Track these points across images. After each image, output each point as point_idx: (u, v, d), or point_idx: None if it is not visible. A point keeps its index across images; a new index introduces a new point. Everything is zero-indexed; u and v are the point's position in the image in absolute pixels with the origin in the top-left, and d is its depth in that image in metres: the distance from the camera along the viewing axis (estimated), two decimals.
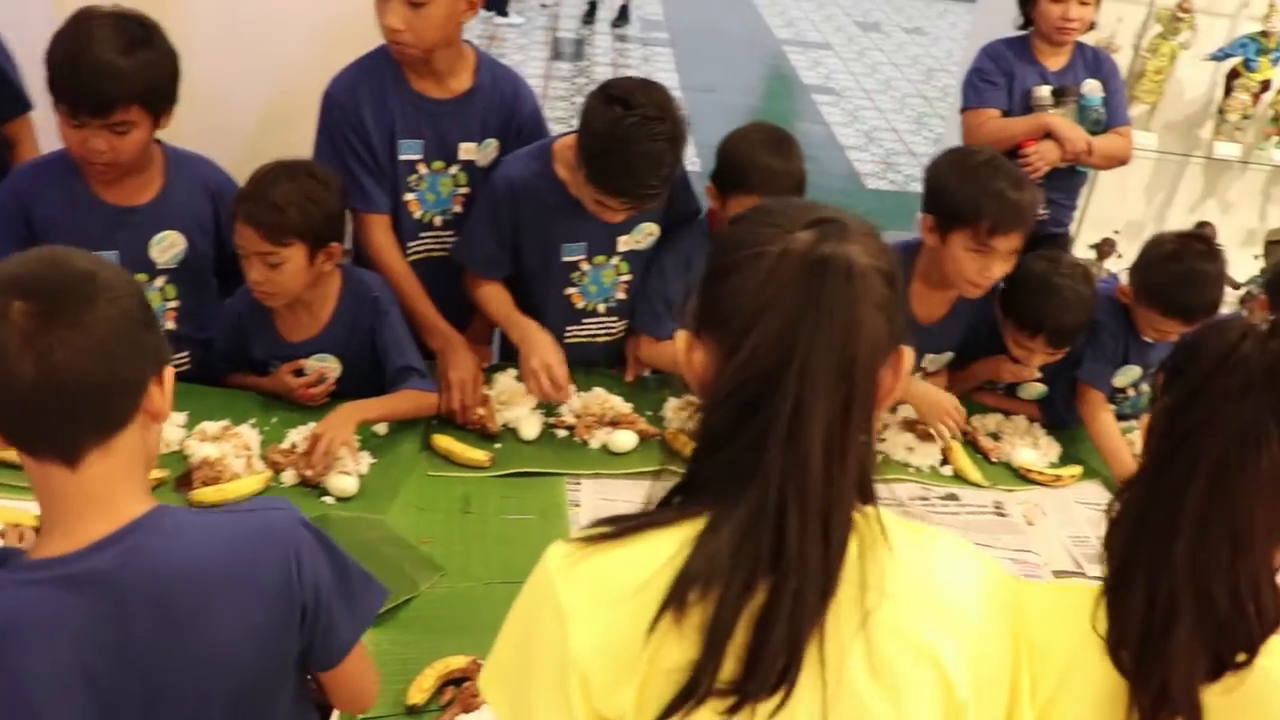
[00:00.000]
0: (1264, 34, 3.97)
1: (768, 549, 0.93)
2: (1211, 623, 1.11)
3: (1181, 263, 2.42)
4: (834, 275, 0.93)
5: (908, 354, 1.02)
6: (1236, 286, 3.74)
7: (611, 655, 0.96)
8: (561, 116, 6.78)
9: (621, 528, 1.00)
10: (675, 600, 0.93)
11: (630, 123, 2.15)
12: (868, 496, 1.00)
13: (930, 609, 1.01)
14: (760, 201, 1.09)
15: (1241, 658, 1.10)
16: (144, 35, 2.06)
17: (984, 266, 2.35)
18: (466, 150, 2.51)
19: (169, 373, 1.19)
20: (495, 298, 2.51)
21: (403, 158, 2.45)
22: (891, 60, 10.21)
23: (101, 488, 1.14)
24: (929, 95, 8.99)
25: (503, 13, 9.13)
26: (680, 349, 1.05)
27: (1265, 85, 4.07)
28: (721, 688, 0.93)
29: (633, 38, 9.53)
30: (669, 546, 0.96)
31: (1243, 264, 3.94)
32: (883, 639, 0.98)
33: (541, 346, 2.37)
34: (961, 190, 2.33)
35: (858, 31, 11.26)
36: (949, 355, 2.69)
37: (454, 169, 2.52)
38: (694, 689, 0.93)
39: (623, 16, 9.68)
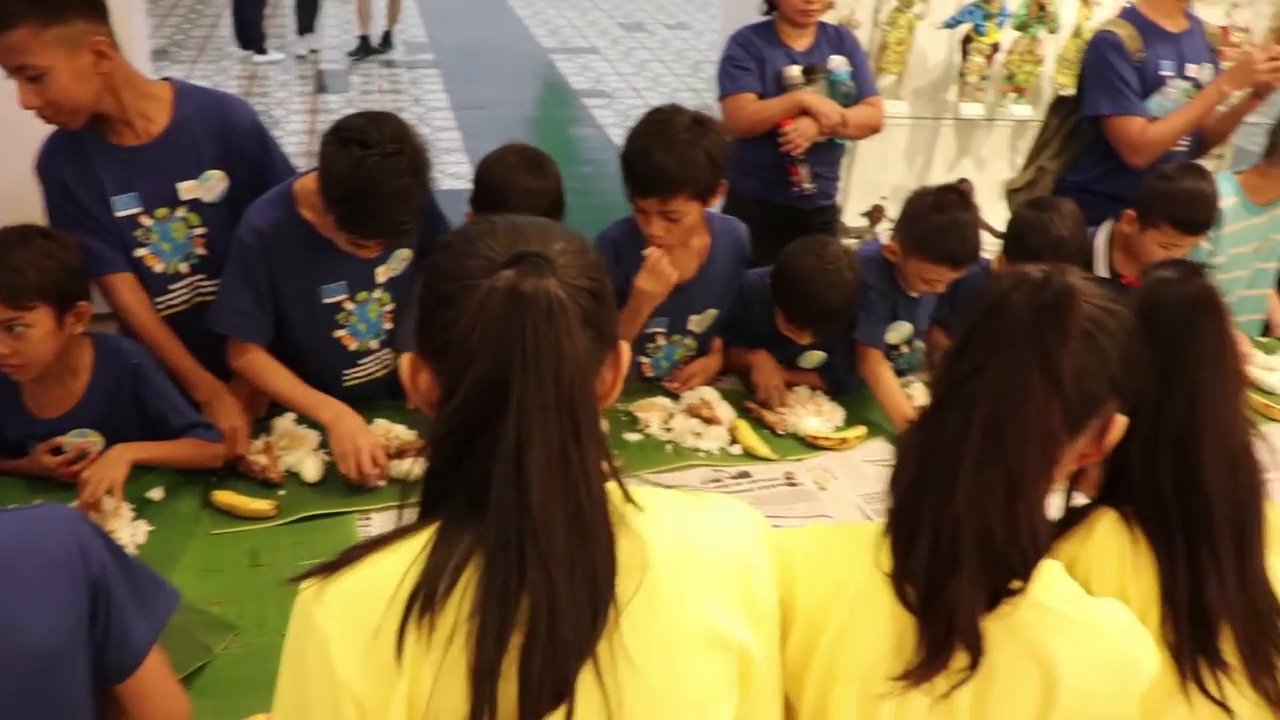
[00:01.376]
0: (987, 0, 4.21)
1: (513, 588, 0.95)
2: (991, 557, 1.13)
3: (945, 212, 2.55)
4: (535, 312, 0.96)
5: (625, 349, 1.09)
6: (998, 235, 3.93)
7: (375, 671, 0.97)
8: None
9: (360, 550, 1.02)
10: (414, 610, 0.95)
11: (371, 162, 2.06)
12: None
13: (698, 574, 1.06)
14: (467, 226, 1.11)
15: (1017, 585, 1.14)
16: None
17: (644, 224, 2.43)
18: (187, 189, 2.39)
19: None
20: (276, 373, 2.37)
21: (120, 214, 2.33)
22: (658, 57, 10.39)
23: None
24: (697, 88, 9.15)
25: (261, 50, 8.87)
26: (405, 371, 1.08)
27: (995, 47, 4.33)
28: None
29: (399, 62, 9.39)
30: (408, 556, 0.99)
31: (1001, 214, 4.15)
32: (655, 627, 1.01)
33: (357, 430, 2.28)
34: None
35: (622, 33, 11.41)
36: (713, 313, 2.71)
37: (181, 211, 2.40)
38: None
39: (386, 42, 9.50)
